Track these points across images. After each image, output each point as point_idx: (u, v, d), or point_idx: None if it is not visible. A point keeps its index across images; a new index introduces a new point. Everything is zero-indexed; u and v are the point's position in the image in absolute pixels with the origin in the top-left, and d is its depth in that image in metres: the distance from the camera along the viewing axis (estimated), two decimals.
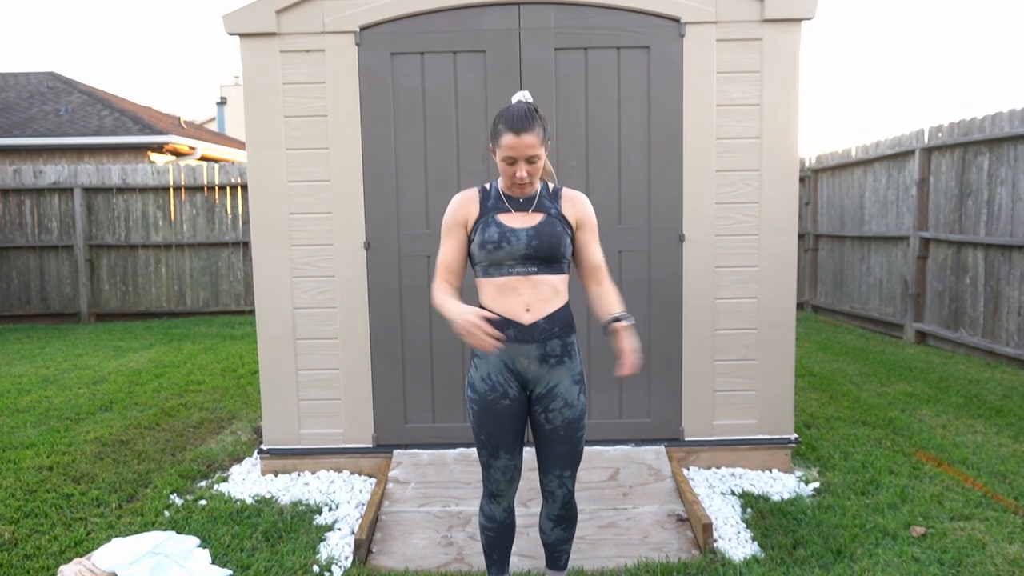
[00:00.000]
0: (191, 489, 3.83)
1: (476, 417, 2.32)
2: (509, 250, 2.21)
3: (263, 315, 3.90)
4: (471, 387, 2.33)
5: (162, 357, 7.36)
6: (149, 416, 5.16)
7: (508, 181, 2.24)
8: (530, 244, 2.21)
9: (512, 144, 2.15)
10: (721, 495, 3.62)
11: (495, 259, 2.23)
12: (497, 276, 2.25)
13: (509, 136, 2.15)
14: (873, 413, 4.97)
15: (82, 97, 13.73)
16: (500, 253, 2.22)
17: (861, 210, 8.73)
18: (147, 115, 13.93)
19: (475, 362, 2.34)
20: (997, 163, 6.45)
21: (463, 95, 3.78)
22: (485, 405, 2.29)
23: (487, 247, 2.22)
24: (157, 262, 10.26)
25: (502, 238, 2.22)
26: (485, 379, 2.29)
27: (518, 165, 2.18)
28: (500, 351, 2.25)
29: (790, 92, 3.76)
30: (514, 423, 2.31)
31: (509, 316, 2.24)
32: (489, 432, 2.31)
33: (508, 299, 2.24)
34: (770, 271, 3.86)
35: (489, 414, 2.29)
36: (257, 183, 3.83)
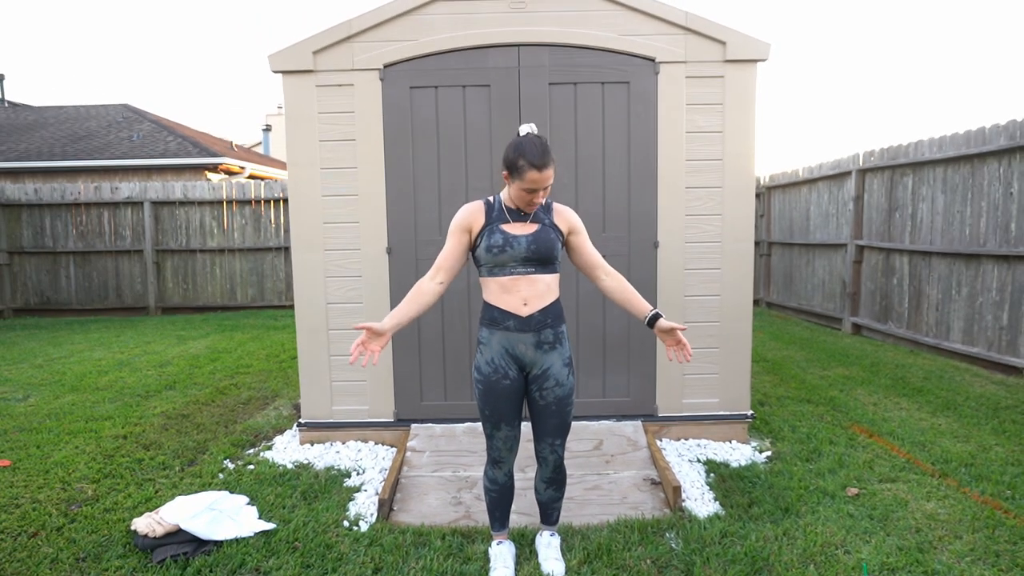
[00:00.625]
0: (241, 456, 3.81)
1: (481, 395, 2.32)
2: (512, 253, 2.22)
3: (301, 309, 3.87)
4: (477, 370, 2.33)
5: (217, 344, 7.33)
6: (206, 394, 5.14)
7: (522, 204, 2.24)
8: (529, 248, 2.22)
9: (536, 178, 2.16)
10: (689, 462, 3.60)
11: (499, 261, 2.23)
12: (501, 275, 2.25)
13: (533, 172, 2.15)
14: (816, 393, 4.94)
15: (151, 125, 13.69)
16: (504, 256, 2.22)
17: (807, 221, 8.69)
18: (204, 140, 13.89)
19: (481, 349, 2.33)
20: (919, 183, 6.43)
21: (471, 122, 3.75)
22: (489, 385, 2.29)
23: (493, 250, 2.22)
24: (212, 264, 10.22)
25: (506, 243, 2.22)
26: (489, 363, 2.29)
27: (537, 192, 2.20)
28: (502, 339, 2.26)
29: (747, 121, 3.73)
30: (514, 400, 2.31)
31: (509, 309, 2.25)
32: (492, 407, 2.30)
33: (509, 295, 2.25)
34: (731, 273, 3.83)
35: (493, 392, 2.29)
36: (296, 197, 3.80)
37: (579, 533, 2.79)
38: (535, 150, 2.15)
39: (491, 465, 2.44)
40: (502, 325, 2.26)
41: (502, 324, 2.26)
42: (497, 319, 2.26)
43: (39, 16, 53.47)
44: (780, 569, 2.50)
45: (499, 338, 2.27)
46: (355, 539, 2.78)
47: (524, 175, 2.16)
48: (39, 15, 53.26)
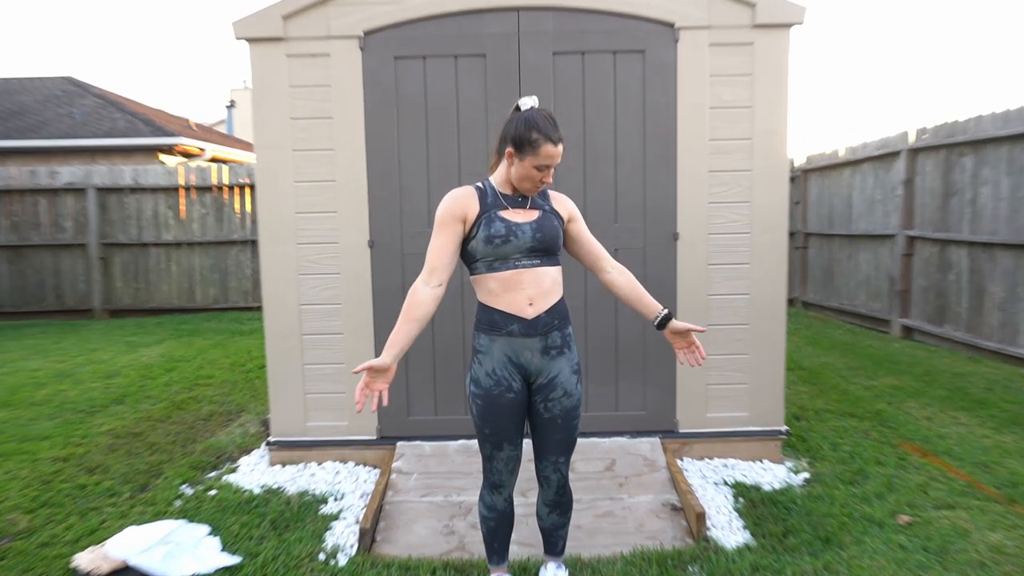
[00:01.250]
0: (201, 479, 3.83)
1: (481, 412, 2.32)
2: (516, 243, 2.23)
3: (270, 311, 3.89)
4: (475, 383, 2.32)
5: (173, 352, 7.36)
6: (160, 409, 5.16)
7: (527, 185, 2.26)
8: (535, 237, 2.24)
9: (552, 153, 2.20)
10: (714, 485, 3.62)
11: (502, 253, 2.23)
12: (503, 270, 2.25)
13: (549, 146, 2.19)
14: (861, 405, 4.96)
15: (95, 100, 13.70)
16: (508, 247, 2.23)
17: (849, 209, 8.72)
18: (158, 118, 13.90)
19: (479, 358, 2.32)
20: (980, 164, 6.44)
21: (464, 98, 3.77)
22: (490, 399, 2.29)
23: (495, 241, 2.22)
24: (168, 260, 10.24)
25: (509, 232, 2.23)
26: (490, 374, 2.29)
27: (547, 171, 2.23)
28: (504, 346, 2.27)
29: (779, 94, 3.75)
30: (518, 415, 2.33)
31: (513, 311, 2.25)
32: (494, 426, 2.31)
33: (513, 294, 2.25)
34: (761, 268, 3.85)
35: (494, 408, 2.29)
36: (264, 183, 3.82)
37: (589, 566, 2.81)
38: (549, 123, 2.21)
39: (489, 490, 2.46)
40: (504, 330, 2.26)
41: (504, 328, 2.26)
42: (498, 323, 2.27)
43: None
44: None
45: (501, 345, 2.28)
46: (332, 574, 2.80)
47: (539, 150, 2.19)
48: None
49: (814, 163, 9.55)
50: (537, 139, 2.19)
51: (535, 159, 2.20)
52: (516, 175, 2.25)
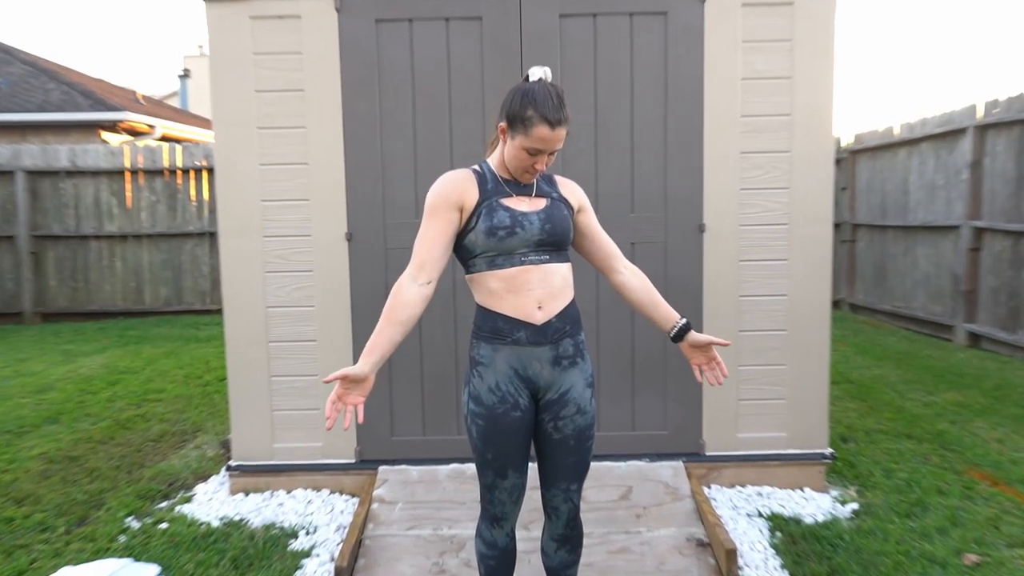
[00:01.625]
0: (150, 511, 3.85)
1: (483, 434, 2.31)
2: (523, 236, 2.22)
3: (232, 315, 3.91)
4: (474, 400, 2.31)
5: (117, 362, 7.38)
6: (102, 429, 5.18)
7: (520, 169, 2.25)
8: (544, 229, 2.24)
9: (546, 137, 2.16)
10: (747, 517, 3.64)
11: (507, 247, 2.22)
12: (507, 267, 2.23)
13: (544, 128, 2.15)
14: (919, 425, 4.98)
15: (24, 68, 13.72)
16: (514, 240, 2.22)
17: (905, 196, 8.74)
18: (100, 89, 13.93)
19: (479, 371, 2.31)
20: None
21: (456, 68, 3.79)
22: (494, 419, 2.28)
23: (498, 233, 2.21)
24: (111, 255, 10.27)
25: (515, 223, 2.22)
26: (493, 389, 2.28)
27: (540, 157, 2.21)
28: (510, 357, 2.27)
29: (824, 63, 3.77)
30: (524, 437, 2.33)
31: (519, 316, 2.24)
32: (498, 450, 2.31)
33: (519, 295, 2.24)
34: (802, 265, 3.87)
35: (498, 429, 2.28)
36: (225, 166, 3.84)
37: None
38: (550, 101, 2.16)
39: (489, 524, 2.46)
40: (510, 337, 2.26)
41: (510, 336, 2.26)
42: (503, 330, 2.27)
43: None
44: None
45: (506, 355, 2.28)
46: None
47: (531, 130, 2.17)
48: None
49: (864, 143, 9.57)
50: (531, 117, 2.16)
51: (525, 140, 2.18)
52: (507, 155, 2.25)
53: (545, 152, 2.20)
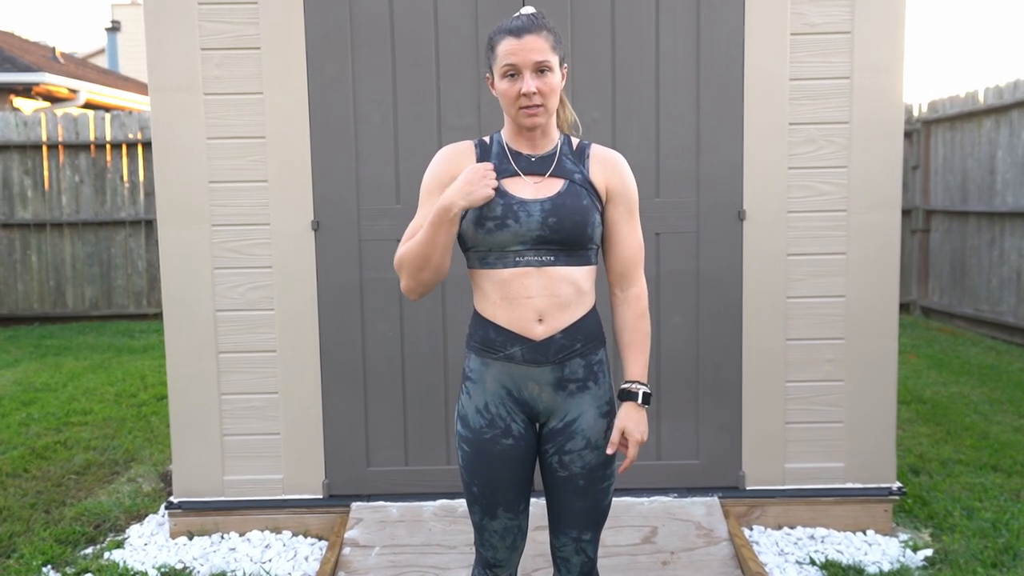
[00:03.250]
0: (72, 559, 3.87)
1: (468, 462, 2.32)
2: (516, 230, 2.18)
3: (173, 320, 3.93)
4: (461, 421, 2.33)
5: (32, 378, 7.39)
6: (13, 459, 5.19)
7: (512, 107, 2.21)
8: (545, 222, 2.19)
9: (512, 48, 2.15)
10: (797, 565, 3.66)
11: (497, 242, 2.20)
12: (500, 267, 2.22)
13: (507, 40, 2.16)
14: (1008, 454, 5.00)
15: None
16: (504, 234, 2.19)
17: (991, 176, 8.74)
18: (9, 45, 13.94)
19: (468, 387, 2.32)
20: None
21: (445, 22, 3.81)
22: (480, 446, 2.29)
23: (486, 225, 2.19)
24: (25, 247, 10.28)
25: (507, 213, 2.18)
26: (481, 411, 2.29)
27: (523, 78, 2.16)
28: (501, 374, 2.26)
29: (893, 15, 3.79)
30: (518, 471, 2.32)
31: (514, 329, 2.22)
32: (484, 483, 2.31)
33: (515, 304, 2.21)
34: (863, 260, 3.89)
35: (485, 458, 2.29)
36: (164, 140, 3.86)
37: None
38: (516, 18, 2.21)
39: (482, 570, 2.48)
40: (502, 353, 2.26)
41: (503, 351, 2.26)
42: (494, 342, 2.27)
43: None
44: None
45: (497, 373, 2.28)
46: None
47: (498, 51, 2.19)
48: None
49: (940, 111, 9.58)
50: (493, 38, 2.21)
51: (499, 67, 2.19)
52: (503, 106, 2.25)
53: (522, 69, 2.15)
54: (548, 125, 2.28)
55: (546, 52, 2.17)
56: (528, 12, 2.23)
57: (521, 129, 2.25)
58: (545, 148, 2.29)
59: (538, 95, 2.16)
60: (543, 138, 2.28)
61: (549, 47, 2.17)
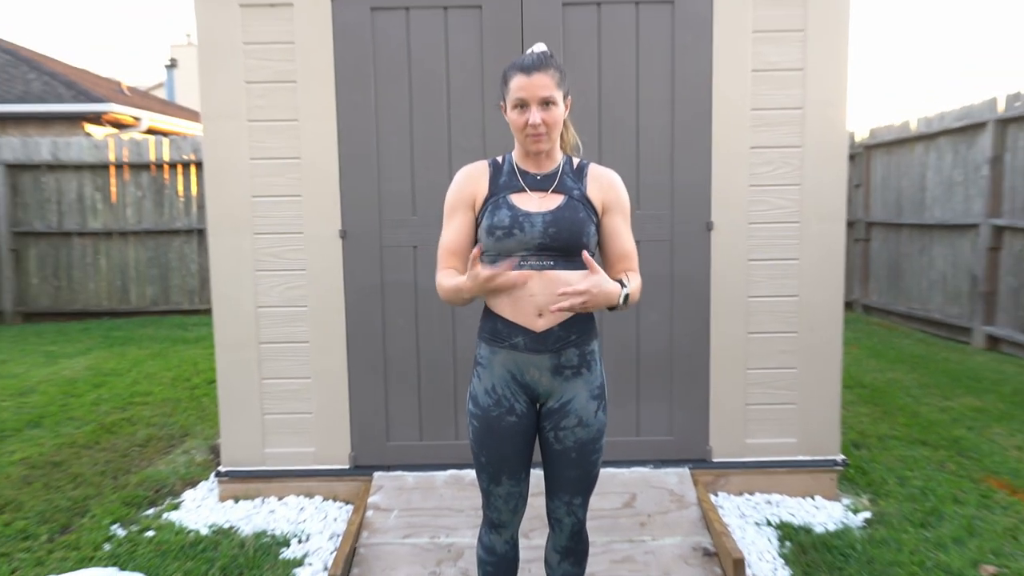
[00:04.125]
0: (136, 518, 3.86)
1: (477, 435, 2.34)
2: (521, 238, 2.21)
3: (221, 315, 3.92)
4: (473, 400, 2.35)
5: (102, 364, 7.39)
6: (86, 433, 5.19)
7: (520, 134, 2.25)
8: (546, 232, 2.21)
9: (523, 84, 2.19)
10: (755, 526, 3.66)
11: (505, 248, 2.23)
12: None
13: (519, 76, 2.20)
14: (935, 431, 5.00)
15: (3, 57, 13.73)
16: (511, 242, 2.21)
17: (922, 193, 8.75)
18: (83, 80, 13.94)
19: (478, 371, 2.35)
20: None
21: (455, 59, 3.80)
22: (488, 422, 2.31)
23: (496, 233, 2.22)
24: (96, 253, 10.28)
25: (514, 223, 2.21)
26: (489, 391, 2.31)
27: (530, 110, 2.20)
28: (507, 361, 2.29)
29: (838, 54, 3.78)
30: (520, 443, 2.34)
31: (518, 322, 2.24)
32: (491, 454, 2.33)
33: (519, 302, 2.23)
34: (813, 265, 3.88)
35: (491, 432, 2.31)
36: (214, 161, 3.85)
37: None
38: (527, 57, 2.23)
39: (488, 529, 2.49)
40: (508, 342, 2.27)
41: (508, 341, 2.27)
42: (501, 333, 2.28)
43: None
44: None
45: (503, 359, 2.30)
46: None
47: (510, 85, 2.22)
48: None
49: (879, 138, 9.58)
50: (507, 73, 2.23)
51: (511, 99, 2.22)
52: (513, 131, 2.28)
53: (530, 103, 2.20)
54: (552, 148, 2.31)
55: (551, 88, 2.20)
56: (539, 51, 2.26)
57: (528, 152, 2.29)
58: (549, 167, 2.33)
59: (543, 125, 2.21)
60: (547, 159, 2.32)
61: (555, 84, 2.21)
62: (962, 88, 44.92)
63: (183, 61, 23.51)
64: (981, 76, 46.50)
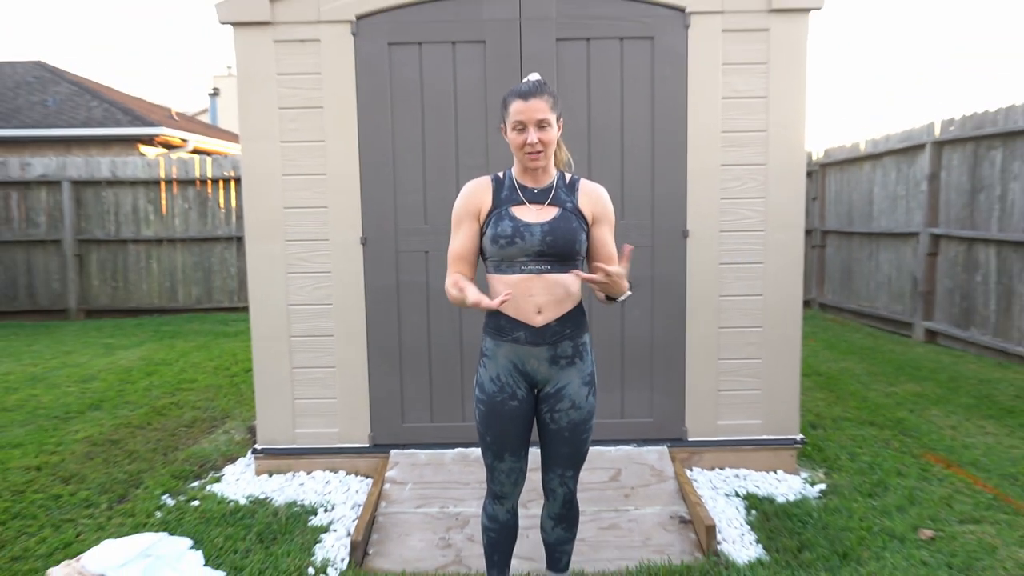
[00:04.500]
0: (183, 490, 3.84)
1: (483, 418, 2.34)
2: (522, 246, 2.21)
3: (257, 312, 3.90)
4: (479, 387, 2.35)
5: (153, 355, 7.37)
6: (140, 415, 5.17)
7: (519, 152, 2.25)
8: (544, 240, 2.21)
9: (521, 108, 2.19)
10: (725, 497, 3.64)
11: (507, 255, 2.23)
12: (509, 273, 2.25)
13: (517, 102, 2.20)
14: (881, 413, 4.98)
15: (70, 87, 13.72)
16: (513, 249, 2.22)
17: (870, 206, 8.73)
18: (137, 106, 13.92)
19: (484, 362, 2.35)
20: (1011, 157, 6.45)
21: (462, 86, 3.78)
22: (493, 406, 2.31)
23: (499, 242, 2.22)
24: (148, 257, 10.26)
25: (515, 233, 2.22)
26: (494, 379, 2.32)
27: (528, 131, 2.20)
28: (509, 352, 2.29)
29: (797, 84, 3.76)
30: (521, 425, 2.34)
31: (519, 318, 2.25)
32: (496, 433, 2.33)
33: (521, 301, 2.24)
34: (776, 268, 3.87)
35: (496, 415, 2.31)
36: (251, 176, 3.83)
37: None
38: (524, 84, 2.23)
39: (491, 500, 2.48)
40: (510, 336, 2.28)
41: (510, 335, 2.28)
42: (504, 328, 2.28)
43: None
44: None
45: (506, 351, 2.30)
46: None
47: (509, 108, 2.22)
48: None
49: (832, 157, 9.56)
50: (507, 99, 2.23)
51: (509, 120, 2.22)
52: (512, 150, 2.27)
53: (528, 124, 2.20)
54: (547, 164, 2.31)
55: (546, 112, 2.20)
56: (534, 79, 2.27)
57: (526, 168, 2.28)
58: (545, 182, 2.32)
59: (539, 144, 2.21)
60: (543, 175, 2.32)
61: (549, 108, 2.21)
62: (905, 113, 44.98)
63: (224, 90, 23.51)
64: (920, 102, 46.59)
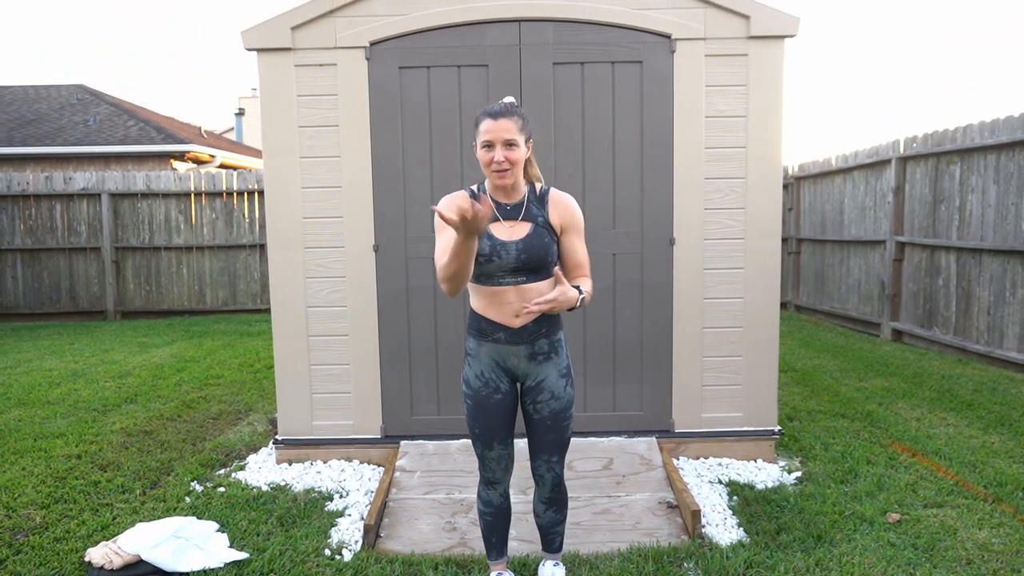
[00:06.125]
0: (210, 477, 3.83)
1: (471, 411, 2.35)
2: (499, 263, 2.20)
3: (278, 313, 3.89)
4: (466, 383, 2.36)
5: (183, 353, 7.36)
6: (171, 408, 5.16)
7: (487, 170, 2.20)
8: (519, 258, 2.20)
9: (490, 127, 2.14)
10: (709, 484, 3.62)
11: (485, 271, 2.22)
12: (488, 285, 2.24)
13: (487, 121, 2.15)
14: (852, 407, 4.96)
15: (109, 108, 13.73)
16: (491, 266, 2.20)
17: (841, 215, 8.72)
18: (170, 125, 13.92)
19: (469, 360, 2.36)
20: (968, 172, 6.45)
21: (466, 106, 3.78)
22: (479, 400, 2.32)
23: (479, 260, 2.20)
24: (179, 263, 10.25)
25: (492, 252, 2.19)
26: (478, 376, 2.32)
27: (495, 150, 2.15)
28: (491, 351, 2.29)
29: (774, 104, 3.75)
30: (506, 416, 2.34)
31: (499, 321, 2.26)
32: (483, 425, 2.34)
33: (499, 307, 2.25)
34: (755, 273, 3.85)
35: (483, 408, 2.32)
36: (273, 189, 3.82)
37: (587, 563, 2.81)
38: (496, 105, 2.18)
39: (485, 486, 2.48)
40: (491, 337, 2.28)
41: (491, 336, 2.28)
42: (486, 330, 2.28)
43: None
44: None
45: (488, 350, 2.30)
46: (337, 569, 2.80)
47: (479, 128, 2.18)
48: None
49: (807, 171, 9.55)
50: (478, 118, 2.19)
51: (480, 140, 2.18)
52: (481, 167, 2.21)
53: (495, 143, 2.14)
54: (516, 182, 2.26)
55: (514, 132, 2.16)
56: (506, 102, 2.23)
57: (495, 184, 2.25)
58: (516, 198, 2.29)
59: (506, 162, 2.17)
60: (513, 190, 2.28)
61: (517, 128, 2.17)
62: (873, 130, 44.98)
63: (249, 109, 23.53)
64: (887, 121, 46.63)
